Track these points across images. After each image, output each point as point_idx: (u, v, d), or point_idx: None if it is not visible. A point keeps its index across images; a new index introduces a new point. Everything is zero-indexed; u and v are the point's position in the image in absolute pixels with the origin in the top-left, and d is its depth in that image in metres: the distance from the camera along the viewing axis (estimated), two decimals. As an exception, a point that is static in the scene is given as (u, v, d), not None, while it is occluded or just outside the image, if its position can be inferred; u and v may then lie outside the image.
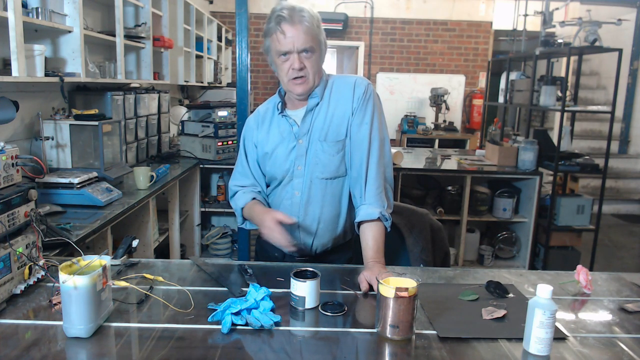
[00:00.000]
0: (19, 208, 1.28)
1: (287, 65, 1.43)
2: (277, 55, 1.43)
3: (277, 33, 1.40)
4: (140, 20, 3.28)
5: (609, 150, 3.80)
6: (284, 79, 1.47)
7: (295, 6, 1.40)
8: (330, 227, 1.57)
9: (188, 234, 3.81)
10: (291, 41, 1.39)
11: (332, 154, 1.50)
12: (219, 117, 3.70)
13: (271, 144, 1.56)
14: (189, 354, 1.01)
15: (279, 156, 1.54)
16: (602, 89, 7.24)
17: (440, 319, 1.18)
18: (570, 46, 3.80)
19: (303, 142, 1.51)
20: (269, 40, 1.45)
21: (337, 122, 1.50)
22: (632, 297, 1.37)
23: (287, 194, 1.56)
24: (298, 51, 1.40)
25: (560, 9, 4.67)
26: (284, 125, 1.55)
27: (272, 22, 1.41)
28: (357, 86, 1.51)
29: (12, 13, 1.84)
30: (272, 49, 1.44)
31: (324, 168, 1.51)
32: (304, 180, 1.52)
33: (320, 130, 1.50)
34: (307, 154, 1.51)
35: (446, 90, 6.22)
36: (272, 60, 1.49)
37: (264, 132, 1.59)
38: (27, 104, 2.33)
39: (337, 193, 1.55)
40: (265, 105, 1.64)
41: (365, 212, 1.47)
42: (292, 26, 1.38)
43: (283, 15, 1.38)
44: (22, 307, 1.18)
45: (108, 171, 2.43)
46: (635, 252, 4.90)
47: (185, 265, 1.50)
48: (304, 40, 1.39)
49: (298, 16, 1.38)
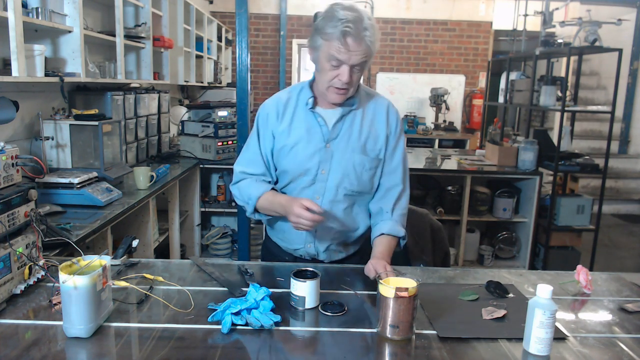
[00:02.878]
0: (19, 208, 1.28)
1: (334, 73, 1.39)
2: (328, 59, 1.38)
3: (337, 42, 1.35)
4: (140, 20, 3.28)
5: (609, 150, 3.80)
6: (325, 83, 1.42)
7: (361, 20, 1.34)
8: (343, 239, 1.55)
9: (188, 234, 3.81)
10: (348, 56, 1.36)
11: (367, 168, 1.49)
12: (219, 117, 3.70)
13: (293, 138, 1.50)
14: (189, 354, 1.01)
15: (299, 153, 1.49)
16: (602, 89, 7.24)
17: (440, 319, 1.18)
18: (570, 46, 3.80)
19: (330, 147, 1.48)
20: (321, 41, 1.38)
21: (374, 139, 1.50)
22: (632, 297, 1.37)
23: (306, 197, 1.49)
24: (351, 65, 1.38)
25: (560, 9, 4.67)
26: (312, 121, 1.50)
27: (336, 30, 1.34)
28: (391, 112, 1.54)
29: (12, 13, 1.84)
30: (324, 50, 1.38)
31: (354, 181, 1.48)
32: (327, 186, 1.49)
33: (357, 141, 1.48)
34: (333, 159, 1.48)
35: (446, 90, 6.21)
36: (317, 58, 1.43)
37: (285, 124, 1.51)
38: (27, 104, 2.33)
39: (358, 209, 1.54)
40: (286, 94, 1.56)
41: (392, 228, 1.49)
42: (355, 42, 1.34)
43: (349, 30, 1.33)
44: (22, 307, 1.18)
45: (108, 171, 2.43)
46: (635, 252, 4.90)
47: (185, 265, 1.49)
48: (360, 58, 1.36)
49: (362, 34, 1.34)
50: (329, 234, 1.53)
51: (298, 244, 1.56)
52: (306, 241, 1.55)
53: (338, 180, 1.48)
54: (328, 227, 1.51)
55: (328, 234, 1.53)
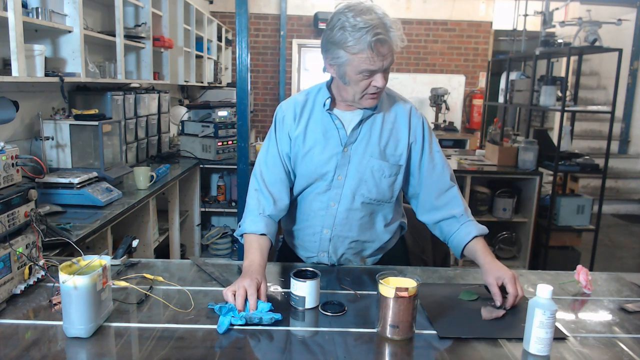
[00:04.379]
0: (19, 208, 1.28)
1: (368, 82, 1.31)
2: (360, 72, 1.29)
3: (368, 52, 1.25)
4: (140, 20, 3.28)
5: (609, 150, 3.80)
6: (358, 94, 1.34)
7: (383, 20, 1.27)
8: (359, 249, 1.51)
9: (188, 234, 3.81)
10: (381, 62, 1.28)
11: (386, 175, 1.43)
12: (219, 117, 3.70)
13: (309, 141, 1.44)
14: (189, 354, 1.01)
15: (315, 157, 1.43)
16: (602, 89, 7.24)
17: (440, 319, 1.18)
18: (570, 46, 3.80)
19: (347, 151, 1.42)
20: (348, 55, 1.27)
21: (395, 145, 1.43)
22: (632, 297, 1.37)
23: (321, 204, 1.46)
24: (384, 70, 1.31)
25: (560, 9, 4.67)
26: (328, 124, 1.44)
27: (364, 41, 1.24)
28: (414, 117, 1.46)
29: (12, 13, 1.84)
30: (352, 64, 1.29)
31: (372, 188, 1.43)
32: (343, 192, 1.43)
33: (376, 145, 1.42)
34: (350, 164, 1.42)
35: (446, 90, 6.21)
36: (342, 72, 1.32)
37: (302, 127, 1.45)
38: (27, 104, 2.33)
39: (377, 220, 1.50)
40: (304, 97, 1.49)
41: (479, 228, 1.43)
42: (386, 47, 1.27)
43: (381, 37, 1.24)
44: (22, 307, 1.18)
45: (108, 171, 2.43)
46: (635, 252, 4.90)
47: (185, 265, 1.49)
48: (391, 59, 1.30)
49: (390, 35, 1.27)
50: (343, 244, 1.49)
51: (311, 252, 1.52)
52: (320, 250, 1.50)
53: (355, 186, 1.43)
54: (343, 237, 1.47)
55: (342, 244, 1.49)
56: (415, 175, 1.48)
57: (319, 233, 1.48)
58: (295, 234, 1.56)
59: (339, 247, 1.49)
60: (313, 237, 1.50)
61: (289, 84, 7.00)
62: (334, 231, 1.47)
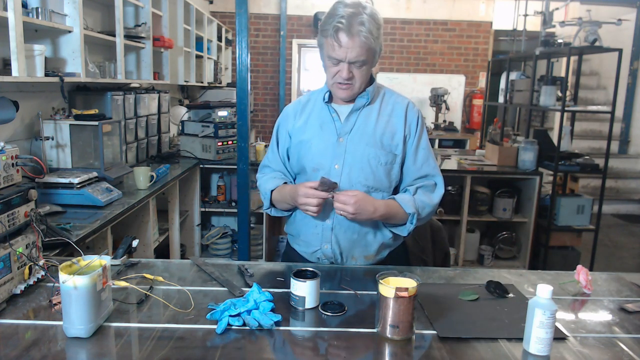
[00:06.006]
0: (19, 208, 1.28)
1: (335, 70, 1.41)
2: (327, 57, 1.41)
3: (331, 39, 1.35)
4: (140, 20, 3.28)
5: (609, 150, 3.80)
6: (329, 80, 1.46)
7: (357, 15, 1.33)
8: (363, 243, 1.52)
9: (188, 234, 3.81)
10: (344, 52, 1.35)
11: (382, 162, 1.47)
12: (219, 117, 3.70)
13: (308, 132, 1.53)
14: (189, 354, 1.01)
15: (312, 148, 1.51)
16: (602, 89, 7.24)
17: (440, 319, 1.18)
18: (570, 46, 3.80)
19: (343, 141, 1.48)
20: (322, 40, 1.41)
21: (391, 135, 1.49)
22: (632, 297, 1.37)
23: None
24: (349, 62, 1.37)
25: (560, 9, 4.67)
26: (325, 115, 1.52)
27: (330, 27, 1.34)
28: (410, 110, 1.52)
29: (12, 13, 1.84)
30: (324, 48, 1.41)
31: (369, 175, 1.47)
32: (341, 181, 1.47)
33: (372, 135, 1.47)
34: (346, 154, 1.48)
35: (446, 90, 6.21)
36: (321, 56, 1.46)
37: (302, 121, 1.55)
38: (27, 104, 2.33)
39: None
40: (307, 96, 1.62)
41: (403, 197, 1.47)
42: (348, 38, 1.33)
43: (341, 26, 1.32)
44: (22, 307, 1.18)
45: (108, 171, 2.43)
46: (635, 252, 4.90)
47: (185, 265, 1.49)
48: (357, 53, 1.36)
49: (357, 29, 1.32)
50: (346, 234, 1.50)
51: (315, 245, 1.53)
52: (322, 241, 1.51)
53: (352, 175, 1.47)
54: (345, 226, 1.49)
55: (345, 234, 1.50)
56: (399, 161, 1.53)
57: (320, 224, 1.51)
58: (297, 228, 1.58)
59: (341, 237, 1.50)
60: (315, 229, 1.52)
61: (289, 84, 7.00)
62: (336, 220, 1.49)
